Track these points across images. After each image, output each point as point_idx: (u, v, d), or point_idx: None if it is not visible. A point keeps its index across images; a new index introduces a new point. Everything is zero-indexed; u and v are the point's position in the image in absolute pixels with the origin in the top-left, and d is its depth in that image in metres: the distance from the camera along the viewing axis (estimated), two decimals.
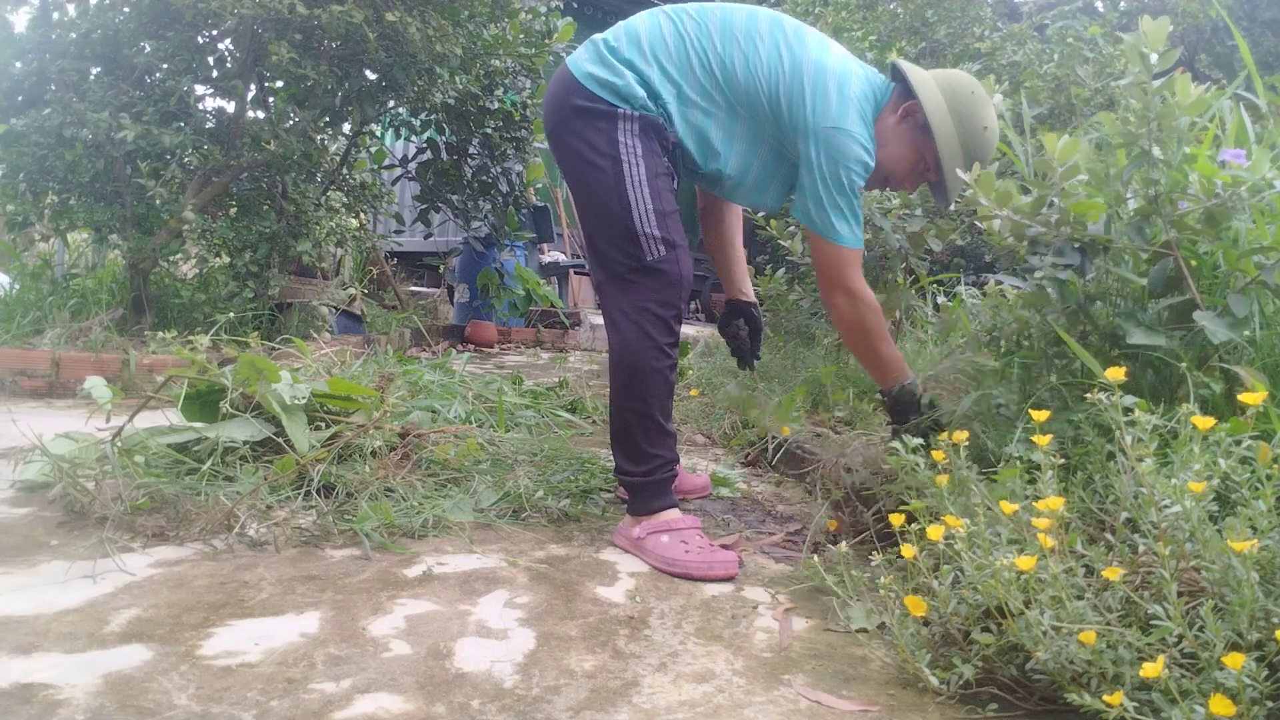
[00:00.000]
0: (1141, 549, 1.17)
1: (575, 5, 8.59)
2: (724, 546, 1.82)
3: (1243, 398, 1.21)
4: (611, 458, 1.95)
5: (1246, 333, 1.47)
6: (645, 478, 1.86)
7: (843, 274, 1.85)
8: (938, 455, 1.48)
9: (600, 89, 1.81)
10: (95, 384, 2.26)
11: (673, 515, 1.84)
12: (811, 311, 3.44)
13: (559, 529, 2.00)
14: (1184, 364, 1.44)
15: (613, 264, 1.83)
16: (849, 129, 1.77)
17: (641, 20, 1.88)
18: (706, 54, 1.83)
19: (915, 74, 1.87)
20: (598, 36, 1.89)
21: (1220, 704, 0.90)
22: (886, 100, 1.90)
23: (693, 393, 3.46)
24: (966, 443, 1.45)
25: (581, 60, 1.86)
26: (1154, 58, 1.46)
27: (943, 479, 1.39)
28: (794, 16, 2.27)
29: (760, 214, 3.31)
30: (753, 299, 2.30)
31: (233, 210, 4.53)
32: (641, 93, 1.81)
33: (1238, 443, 1.17)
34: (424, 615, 1.45)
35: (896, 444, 1.56)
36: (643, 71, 1.82)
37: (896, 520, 1.39)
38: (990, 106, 1.88)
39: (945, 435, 1.51)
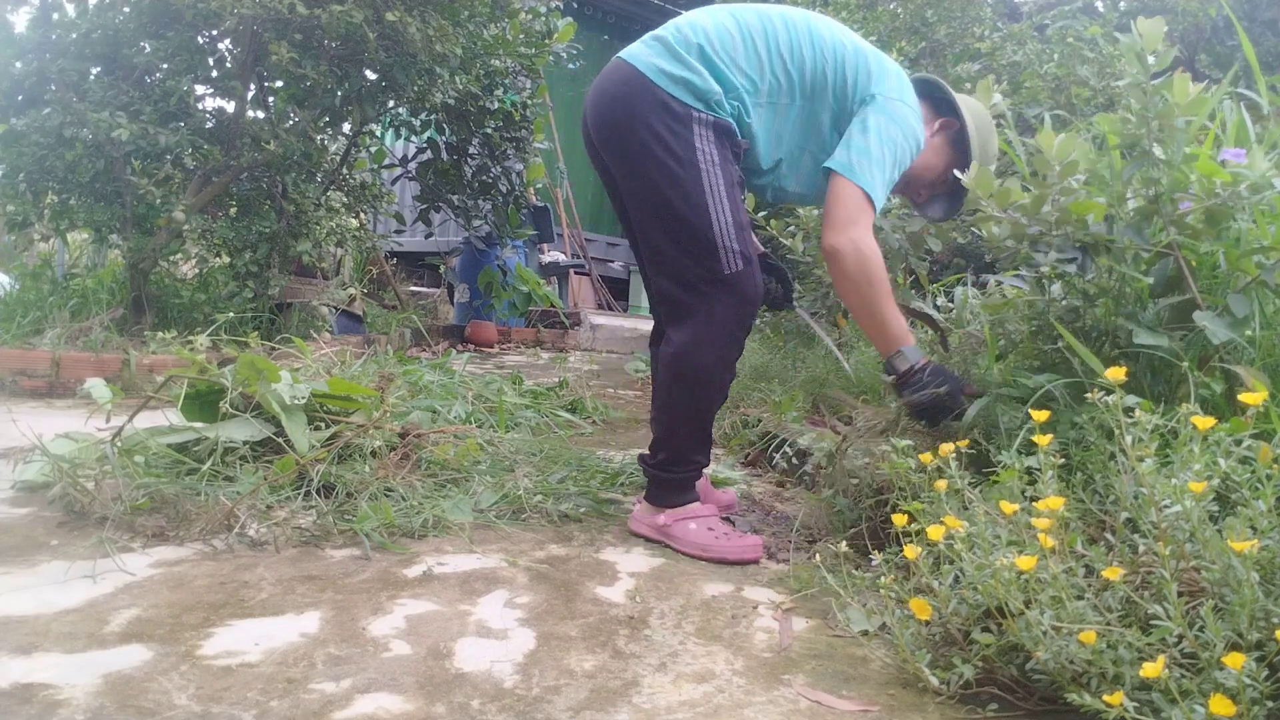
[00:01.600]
0: (1141, 549, 1.17)
1: (575, 5, 8.59)
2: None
3: (1243, 398, 1.21)
4: (611, 459, 1.96)
5: (1247, 333, 1.47)
6: (678, 475, 1.91)
7: (856, 217, 1.75)
8: (925, 458, 1.47)
9: (674, 86, 1.76)
10: (95, 385, 2.26)
11: (695, 506, 1.91)
12: (812, 311, 3.44)
13: (559, 529, 2.00)
14: (1184, 364, 1.44)
15: (687, 274, 1.80)
16: (911, 105, 1.84)
17: (700, 15, 1.86)
18: (774, 41, 1.82)
19: (957, 96, 1.98)
20: (659, 31, 1.85)
21: (1220, 704, 0.90)
22: None
23: None
24: (957, 452, 1.42)
25: (647, 55, 1.80)
26: (1151, 58, 1.46)
27: (941, 484, 1.38)
28: None
29: (760, 214, 3.31)
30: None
31: (233, 210, 4.53)
32: (717, 89, 1.77)
33: (1238, 443, 1.17)
34: (424, 615, 1.45)
35: (888, 447, 1.55)
36: (713, 61, 1.78)
37: (900, 520, 1.38)
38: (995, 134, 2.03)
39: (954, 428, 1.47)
